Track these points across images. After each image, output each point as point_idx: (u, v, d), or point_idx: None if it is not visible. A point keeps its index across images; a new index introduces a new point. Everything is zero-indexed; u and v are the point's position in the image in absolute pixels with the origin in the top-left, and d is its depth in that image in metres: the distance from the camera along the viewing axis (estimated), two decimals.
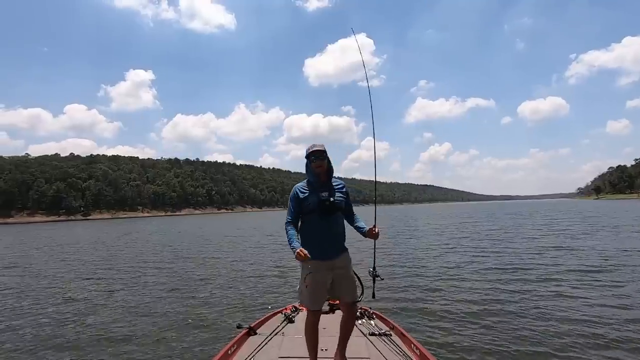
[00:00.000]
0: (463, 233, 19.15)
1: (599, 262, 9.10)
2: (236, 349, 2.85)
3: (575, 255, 10.28)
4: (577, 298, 6.11)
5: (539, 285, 7.09)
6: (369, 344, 2.90)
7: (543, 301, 5.99)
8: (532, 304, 5.87)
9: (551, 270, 8.36)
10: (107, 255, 14.26)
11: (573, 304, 5.77)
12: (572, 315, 5.22)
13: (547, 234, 16.90)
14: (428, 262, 10.52)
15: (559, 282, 7.28)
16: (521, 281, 7.54)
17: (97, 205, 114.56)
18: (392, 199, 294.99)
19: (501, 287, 7.08)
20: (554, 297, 6.18)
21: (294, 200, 2.59)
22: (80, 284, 8.79)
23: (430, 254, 12.10)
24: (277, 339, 3.03)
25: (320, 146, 2.61)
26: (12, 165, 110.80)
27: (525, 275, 8.03)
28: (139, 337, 4.95)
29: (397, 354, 2.72)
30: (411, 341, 2.91)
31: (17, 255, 15.95)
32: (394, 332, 3.16)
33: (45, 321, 5.81)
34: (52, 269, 11.21)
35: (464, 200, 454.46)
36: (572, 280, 7.34)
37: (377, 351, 2.77)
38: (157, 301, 6.86)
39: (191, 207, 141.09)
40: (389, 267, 9.66)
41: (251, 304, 6.44)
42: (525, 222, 25.85)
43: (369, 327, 3.23)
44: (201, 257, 12.95)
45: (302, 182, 2.68)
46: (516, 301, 6.10)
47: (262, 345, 2.84)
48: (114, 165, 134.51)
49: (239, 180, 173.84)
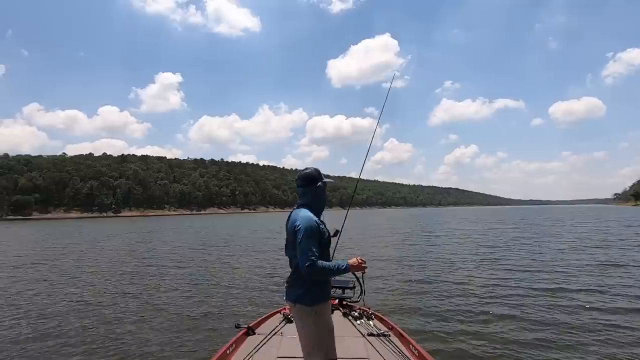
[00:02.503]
0: (469, 237, 18.84)
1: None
2: (235, 349, 2.85)
3: (612, 271, 9.01)
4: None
5: (544, 290, 6.98)
6: (368, 344, 2.91)
7: (550, 310, 5.80)
8: (535, 310, 5.80)
9: (571, 277, 7.90)
10: (114, 255, 14.39)
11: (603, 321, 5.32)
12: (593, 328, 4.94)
13: (580, 242, 15.62)
14: (427, 263, 10.52)
15: (572, 285, 6.91)
16: (523, 285, 7.51)
17: (127, 203, 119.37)
18: (415, 201, 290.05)
19: (502, 290, 7.12)
20: (566, 309, 5.88)
21: (319, 236, 2.12)
22: (88, 281, 9.04)
23: (432, 256, 12.11)
24: (276, 338, 3.03)
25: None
26: (50, 164, 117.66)
27: (530, 279, 8.06)
28: (137, 336, 4.97)
29: (396, 354, 2.71)
30: (410, 341, 2.93)
31: (37, 251, 16.79)
32: (392, 333, 3.18)
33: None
34: (56, 268, 11.37)
35: (490, 204, 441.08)
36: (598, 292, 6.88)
37: (376, 351, 2.75)
38: (156, 300, 6.88)
39: (215, 206, 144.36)
40: (390, 267, 9.66)
41: (250, 303, 6.45)
42: (550, 227, 24.66)
43: (368, 328, 3.24)
44: (205, 257, 13.00)
45: (309, 212, 2.18)
46: (517, 305, 6.08)
47: (261, 345, 2.84)
48: (143, 165, 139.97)
49: (262, 180, 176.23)
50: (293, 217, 2.20)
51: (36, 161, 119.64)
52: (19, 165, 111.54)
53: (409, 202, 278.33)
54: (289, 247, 2.21)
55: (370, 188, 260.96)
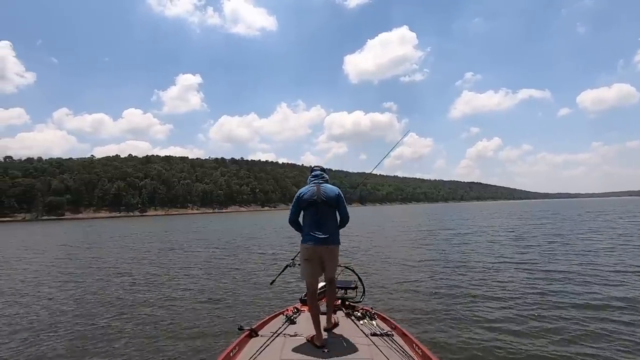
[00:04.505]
0: (488, 233, 18.26)
1: None
2: (238, 351, 2.85)
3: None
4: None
5: (556, 289, 6.64)
6: (371, 344, 2.90)
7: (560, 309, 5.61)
8: (541, 308, 5.69)
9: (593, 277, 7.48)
10: (123, 253, 14.76)
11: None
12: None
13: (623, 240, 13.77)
14: (431, 262, 10.38)
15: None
16: (531, 281, 7.37)
17: (152, 203, 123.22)
18: (436, 197, 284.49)
19: (506, 289, 6.97)
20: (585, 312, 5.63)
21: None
22: (92, 279, 9.36)
23: (435, 254, 11.89)
24: (279, 340, 3.03)
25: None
26: (80, 166, 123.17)
27: (540, 275, 7.91)
28: (139, 338, 4.98)
29: (399, 354, 2.71)
30: (413, 341, 2.90)
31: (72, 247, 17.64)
32: (395, 332, 3.16)
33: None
34: (64, 266, 11.88)
35: (515, 198, 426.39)
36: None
37: (379, 351, 2.75)
38: (159, 301, 6.90)
39: (237, 204, 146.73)
40: (390, 267, 9.57)
41: (253, 305, 6.44)
42: (586, 222, 22.71)
43: (371, 328, 3.23)
44: (208, 257, 12.95)
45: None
46: (520, 303, 6.02)
47: (264, 347, 2.84)
48: (166, 165, 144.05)
49: (282, 178, 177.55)
50: (331, 188, 3.24)
51: (67, 164, 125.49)
52: (51, 167, 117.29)
53: (429, 198, 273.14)
54: (322, 206, 3.16)
55: (390, 184, 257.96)
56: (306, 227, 3.19)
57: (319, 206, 3.15)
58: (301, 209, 3.21)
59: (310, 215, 3.18)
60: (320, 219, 3.14)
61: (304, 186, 3.32)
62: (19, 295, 7.95)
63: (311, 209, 3.17)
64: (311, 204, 3.16)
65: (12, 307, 6.95)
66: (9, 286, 9.01)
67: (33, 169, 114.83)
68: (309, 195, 3.18)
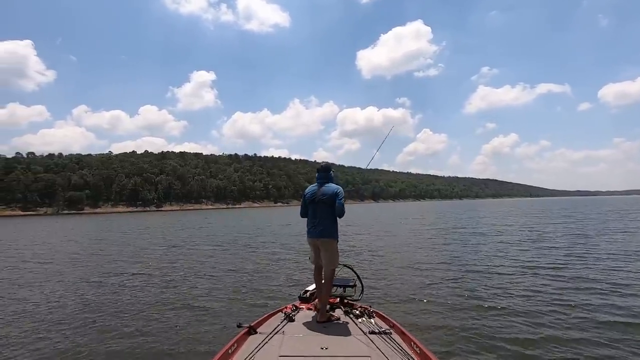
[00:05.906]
0: (480, 230, 18.05)
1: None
2: (236, 348, 2.86)
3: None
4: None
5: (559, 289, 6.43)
6: (369, 342, 2.91)
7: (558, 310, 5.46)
8: (538, 307, 5.64)
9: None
10: (122, 249, 14.73)
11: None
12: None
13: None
14: (430, 260, 10.30)
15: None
16: (530, 282, 7.19)
17: (168, 198, 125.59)
18: (451, 194, 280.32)
19: (506, 288, 6.91)
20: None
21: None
22: (95, 273, 9.47)
23: (434, 252, 11.84)
24: (278, 337, 3.05)
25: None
26: (98, 162, 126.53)
27: (541, 274, 7.79)
28: (137, 335, 4.97)
29: (398, 352, 2.72)
30: (411, 339, 2.91)
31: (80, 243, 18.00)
32: (394, 331, 3.18)
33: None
34: (70, 263, 11.94)
35: (532, 195, 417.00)
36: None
37: (378, 349, 2.76)
38: (157, 299, 6.88)
39: (250, 200, 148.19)
40: (390, 266, 9.48)
41: (251, 302, 6.44)
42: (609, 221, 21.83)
43: (369, 326, 3.25)
44: (209, 254, 12.78)
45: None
46: (519, 301, 6.00)
47: (263, 344, 2.86)
48: (181, 161, 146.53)
49: (294, 174, 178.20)
50: (330, 188, 3.65)
51: (86, 159, 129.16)
52: (71, 163, 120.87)
53: (443, 195, 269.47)
54: (320, 205, 3.63)
55: (403, 180, 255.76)
56: (307, 222, 3.79)
57: (317, 205, 3.66)
58: (307, 205, 3.79)
59: (310, 212, 3.74)
60: (316, 216, 3.66)
61: (313, 183, 3.84)
62: (19, 286, 8.22)
63: (312, 207, 3.72)
64: (312, 202, 3.71)
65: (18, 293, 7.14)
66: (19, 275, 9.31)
67: (54, 164, 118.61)
68: (310, 195, 3.74)
